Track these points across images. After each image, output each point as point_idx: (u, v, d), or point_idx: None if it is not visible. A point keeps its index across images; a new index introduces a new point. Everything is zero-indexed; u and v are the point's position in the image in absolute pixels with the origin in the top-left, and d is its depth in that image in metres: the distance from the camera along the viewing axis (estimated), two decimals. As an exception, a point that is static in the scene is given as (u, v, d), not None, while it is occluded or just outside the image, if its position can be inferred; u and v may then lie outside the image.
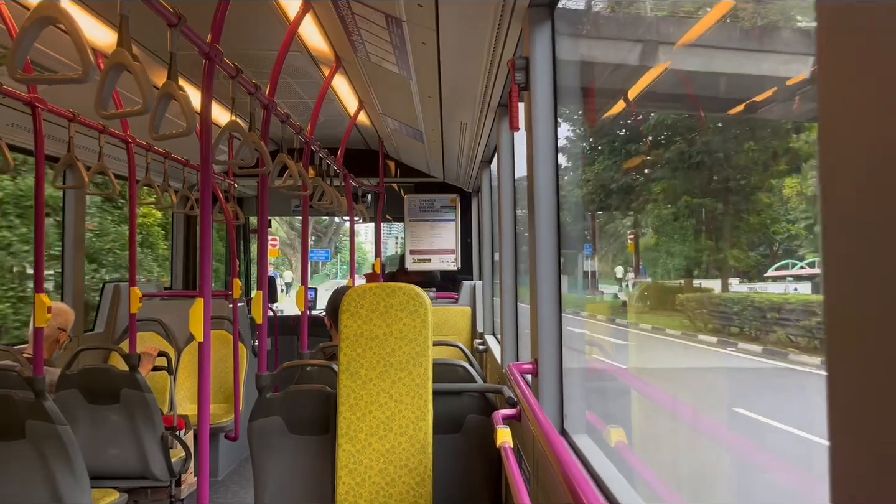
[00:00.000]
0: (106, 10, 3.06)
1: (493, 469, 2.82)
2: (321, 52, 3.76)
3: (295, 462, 2.87)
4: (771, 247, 2.34)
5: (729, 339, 2.41)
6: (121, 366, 3.76)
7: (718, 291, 2.60)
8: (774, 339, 2.13)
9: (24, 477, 2.92)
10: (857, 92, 0.52)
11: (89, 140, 3.76)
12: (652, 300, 3.57)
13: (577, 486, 1.31)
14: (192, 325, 2.42)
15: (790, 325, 2.08)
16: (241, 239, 7.29)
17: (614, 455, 1.97)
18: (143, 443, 3.64)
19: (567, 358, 2.20)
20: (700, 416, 2.63)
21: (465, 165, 5.75)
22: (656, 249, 3.45)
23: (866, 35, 0.51)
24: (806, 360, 1.93)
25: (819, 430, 0.59)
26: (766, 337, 2.19)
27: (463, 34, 2.70)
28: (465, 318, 5.99)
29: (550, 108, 2.17)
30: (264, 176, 3.24)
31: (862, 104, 0.52)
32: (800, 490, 1.82)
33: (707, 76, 2.13)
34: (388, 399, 2.63)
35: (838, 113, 0.55)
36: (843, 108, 0.55)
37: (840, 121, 0.55)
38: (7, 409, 2.87)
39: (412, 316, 2.64)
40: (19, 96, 2.94)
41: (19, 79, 1.75)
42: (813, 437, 1.67)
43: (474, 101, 3.55)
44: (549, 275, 2.17)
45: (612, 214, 3.95)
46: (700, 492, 2.38)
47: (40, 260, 3.01)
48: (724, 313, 2.50)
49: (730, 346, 2.40)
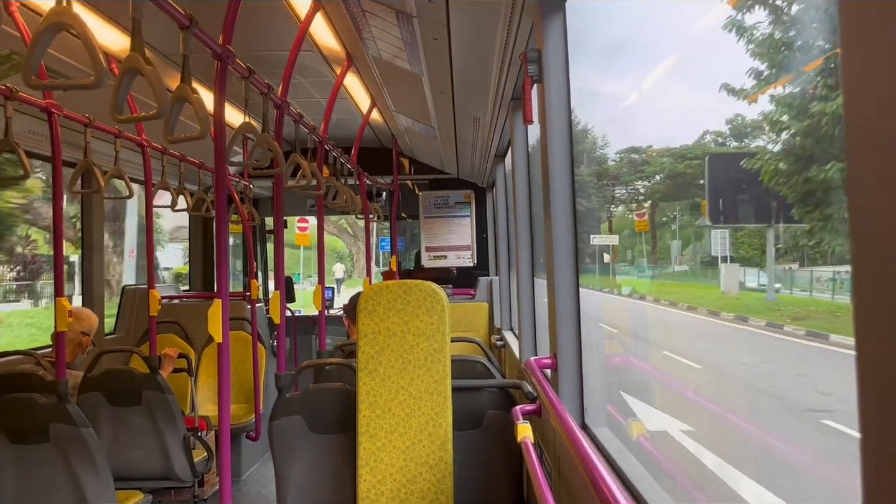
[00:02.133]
0: (118, 15, 3.08)
1: (514, 465, 2.81)
2: (332, 51, 3.76)
3: (316, 460, 2.87)
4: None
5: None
6: (142, 368, 3.79)
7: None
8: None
9: (48, 480, 2.95)
10: (885, 91, 0.51)
11: (106, 145, 3.79)
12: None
13: (599, 481, 1.30)
14: (211, 327, 2.42)
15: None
16: (257, 240, 7.33)
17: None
18: (165, 444, 3.67)
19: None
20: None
21: (479, 160, 5.73)
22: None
23: (890, 32, 0.50)
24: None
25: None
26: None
27: (474, 28, 2.69)
28: (483, 314, 5.98)
29: (564, 100, 2.15)
30: (279, 176, 3.24)
31: (890, 103, 0.50)
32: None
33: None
34: (407, 396, 2.63)
35: (864, 113, 0.54)
36: (869, 107, 0.53)
37: (866, 121, 0.54)
38: (31, 413, 2.90)
39: (429, 313, 2.63)
40: (36, 103, 2.97)
41: (33, 85, 1.76)
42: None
43: (487, 96, 3.54)
44: (566, 269, 2.16)
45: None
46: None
47: (60, 264, 3.04)
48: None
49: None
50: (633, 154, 6.02)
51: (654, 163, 5.56)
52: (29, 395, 2.92)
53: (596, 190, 6.63)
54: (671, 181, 5.23)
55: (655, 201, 5.84)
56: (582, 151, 6.38)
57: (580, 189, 6.44)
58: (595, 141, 6.55)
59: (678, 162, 5.20)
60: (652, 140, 6.27)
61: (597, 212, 6.99)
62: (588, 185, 6.60)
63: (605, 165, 6.48)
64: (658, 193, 5.63)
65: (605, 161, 6.57)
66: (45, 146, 3.38)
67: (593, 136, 6.55)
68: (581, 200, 6.93)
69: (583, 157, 6.49)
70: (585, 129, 6.53)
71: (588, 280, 7.14)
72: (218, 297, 2.46)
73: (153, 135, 4.02)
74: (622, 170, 6.16)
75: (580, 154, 6.22)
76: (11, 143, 2.71)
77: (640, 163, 5.80)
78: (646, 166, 5.80)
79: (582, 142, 6.31)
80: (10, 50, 3.07)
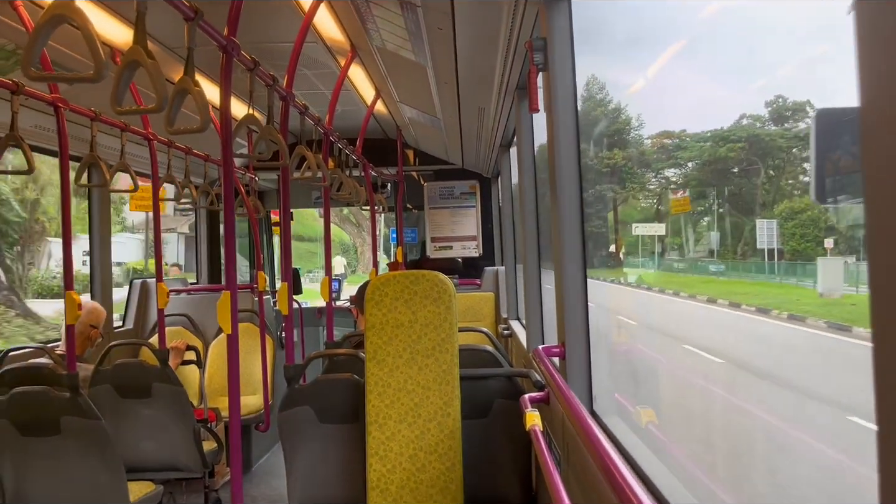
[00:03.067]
0: (122, 7, 3.08)
1: (523, 452, 2.82)
2: (337, 42, 3.75)
3: (325, 450, 2.89)
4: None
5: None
6: (151, 361, 3.81)
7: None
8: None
9: (61, 472, 2.97)
10: None
11: (113, 140, 3.80)
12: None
13: (610, 466, 1.31)
14: (220, 318, 2.44)
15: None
16: (263, 232, 7.35)
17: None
18: (175, 436, 3.69)
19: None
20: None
21: (484, 151, 5.73)
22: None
23: None
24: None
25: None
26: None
27: (479, 17, 2.68)
28: (489, 304, 5.99)
29: (571, 89, 2.14)
30: (285, 169, 3.25)
31: None
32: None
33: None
34: (415, 386, 2.64)
35: (881, 113, 0.54)
36: (886, 108, 0.53)
37: (884, 122, 0.54)
38: (43, 406, 2.92)
39: (436, 303, 2.64)
40: (42, 97, 2.98)
41: (33, 76, 1.76)
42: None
43: (492, 85, 3.53)
44: (574, 257, 2.16)
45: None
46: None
47: (69, 258, 3.06)
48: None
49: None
50: (665, 139, 5.70)
51: (690, 147, 5.21)
52: (41, 388, 2.94)
53: (629, 176, 6.33)
54: (709, 167, 4.89)
55: (691, 190, 5.58)
56: (616, 132, 6.06)
57: (612, 174, 6.22)
58: (629, 121, 6.17)
59: (719, 145, 4.72)
60: (678, 126, 5.97)
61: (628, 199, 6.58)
62: (620, 169, 6.28)
63: (641, 148, 6.12)
64: (694, 181, 5.29)
65: (640, 143, 6.19)
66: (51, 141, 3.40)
67: (627, 116, 6.14)
68: (613, 186, 6.66)
69: (615, 139, 6.14)
70: (618, 108, 6.14)
71: (611, 273, 6.43)
72: (227, 288, 2.47)
73: (159, 128, 4.02)
74: (652, 156, 5.88)
75: (615, 133, 5.94)
76: (17, 137, 2.72)
77: (673, 148, 5.50)
78: (680, 152, 5.46)
79: (611, 121, 6.00)
80: (15, 45, 3.08)
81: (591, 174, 6.22)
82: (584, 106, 6.24)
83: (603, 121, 5.90)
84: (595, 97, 6.26)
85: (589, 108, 5.96)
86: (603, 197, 6.51)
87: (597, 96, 6.26)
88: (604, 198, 6.51)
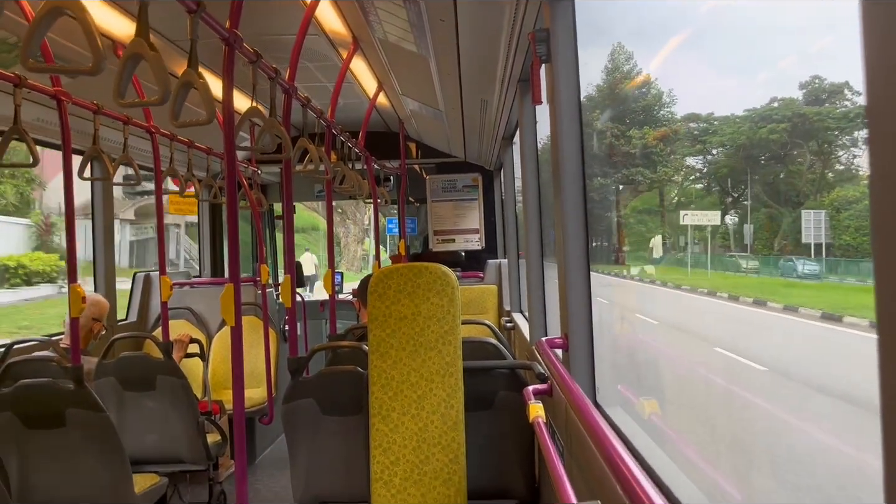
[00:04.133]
0: (127, 1, 3.08)
1: (526, 444, 2.83)
2: (339, 34, 3.74)
3: (329, 442, 2.90)
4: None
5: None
6: (155, 353, 3.83)
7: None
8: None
9: (66, 464, 2.99)
10: None
11: (116, 133, 3.80)
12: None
13: (614, 456, 1.31)
14: (224, 311, 2.44)
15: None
16: (266, 225, 7.35)
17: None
18: (180, 428, 3.71)
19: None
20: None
21: (487, 143, 5.72)
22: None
23: None
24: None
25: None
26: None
27: (481, 8, 2.67)
28: (492, 297, 5.99)
29: (574, 80, 2.14)
30: (288, 162, 3.25)
31: None
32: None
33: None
34: (419, 378, 2.64)
35: (888, 114, 0.53)
36: (891, 108, 0.53)
37: (890, 122, 0.53)
38: (47, 399, 2.93)
39: (439, 295, 2.64)
40: (45, 90, 2.98)
41: (32, 68, 1.76)
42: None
43: (494, 77, 3.52)
44: (577, 249, 2.16)
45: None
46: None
47: (73, 251, 3.06)
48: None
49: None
50: (691, 122, 5.18)
51: (722, 132, 4.74)
52: (45, 380, 2.95)
53: (661, 159, 5.73)
54: (745, 153, 4.44)
55: (722, 178, 4.97)
56: (645, 108, 5.57)
57: (643, 157, 5.81)
58: (660, 96, 5.57)
59: (759, 126, 4.16)
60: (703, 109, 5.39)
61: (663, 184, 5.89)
62: (653, 151, 5.77)
63: (674, 127, 5.59)
64: (726, 168, 4.77)
65: (673, 120, 5.60)
66: (53, 134, 3.40)
67: (658, 90, 5.56)
68: (644, 171, 6.13)
69: (643, 116, 5.64)
70: (648, 82, 5.67)
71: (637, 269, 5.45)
72: (230, 281, 2.48)
73: (161, 122, 4.02)
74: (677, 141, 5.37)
75: (643, 109, 5.43)
76: (20, 130, 2.72)
77: (701, 132, 4.99)
78: (709, 136, 4.94)
79: (639, 97, 5.55)
80: (17, 38, 3.08)
81: (618, 156, 5.81)
82: (609, 79, 5.76)
83: (619, 103, 5.50)
84: (621, 68, 5.72)
85: (612, 84, 5.53)
86: (634, 181, 6.04)
87: (623, 67, 5.72)
88: (634, 182, 6.04)
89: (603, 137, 6.31)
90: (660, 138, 5.67)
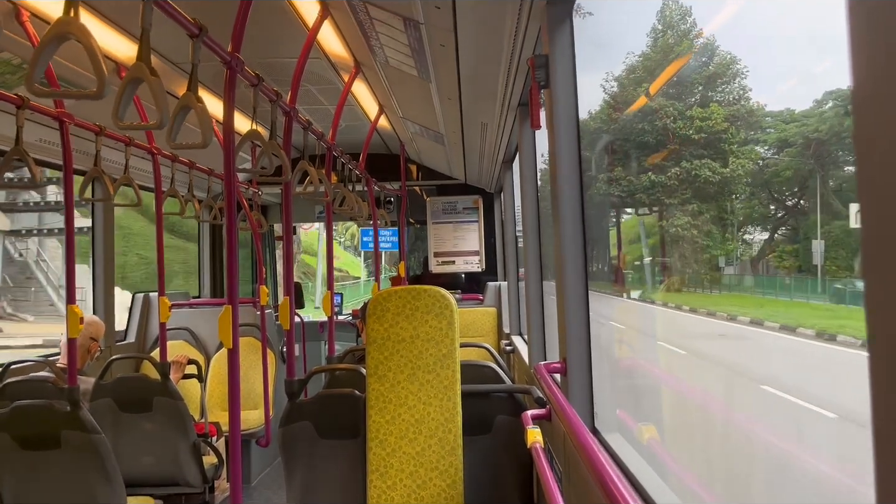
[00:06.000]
0: (128, 24, 3.11)
1: (524, 469, 2.81)
2: (340, 58, 3.78)
3: (326, 466, 2.88)
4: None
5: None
6: (152, 375, 3.81)
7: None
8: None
9: (60, 486, 2.96)
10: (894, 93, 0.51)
11: (117, 154, 3.82)
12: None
13: (609, 485, 1.30)
14: (221, 333, 2.43)
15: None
16: (265, 247, 7.36)
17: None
18: (176, 450, 3.68)
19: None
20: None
21: (487, 166, 5.74)
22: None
23: None
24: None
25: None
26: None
27: (481, 34, 2.70)
28: (491, 319, 5.97)
29: (572, 106, 2.15)
30: (288, 184, 3.26)
31: None
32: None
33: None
34: (416, 402, 2.63)
35: (874, 117, 0.54)
36: (880, 110, 0.53)
37: (877, 125, 0.54)
38: (43, 420, 2.92)
39: (438, 318, 2.64)
40: (48, 112, 3.00)
41: (37, 92, 1.78)
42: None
43: (494, 101, 3.54)
44: (575, 274, 2.16)
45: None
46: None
47: (72, 272, 3.06)
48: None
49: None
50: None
51: (778, 127, 3.80)
52: (41, 402, 2.94)
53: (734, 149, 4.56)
54: (810, 151, 3.62)
55: (780, 184, 3.96)
56: (707, 80, 4.32)
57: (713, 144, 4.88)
58: (728, 64, 4.18)
59: (845, 115, 3.25)
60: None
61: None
62: (720, 135, 4.48)
63: (747, 104, 4.23)
64: (789, 170, 3.78)
65: (745, 98, 4.22)
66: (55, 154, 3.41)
67: (722, 57, 4.17)
68: (711, 162, 4.87)
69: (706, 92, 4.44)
70: (710, 46, 4.31)
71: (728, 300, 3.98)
72: (228, 303, 2.47)
73: (164, 143, 4.04)
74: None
75: (706, 81, 4.39)
76: (22, 151, 2.74)
77: (749, 127, 4.11)
78: (760, 133, 3.99)
79: (702, 65, 4.50)
80: (21, 59, 3.10)
81: (676, 143, 4.56)
82: (659, 41, 4.73)
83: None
84: (677, 27, 4.49)
85: (666, 47, 4.44)
86: (696, 178, 4.89)
87: (680, 26, 4.47)
88: (697, 179, 4.91)
89: (653, 120, 4.98)
90: (731, 119, 4.40)
